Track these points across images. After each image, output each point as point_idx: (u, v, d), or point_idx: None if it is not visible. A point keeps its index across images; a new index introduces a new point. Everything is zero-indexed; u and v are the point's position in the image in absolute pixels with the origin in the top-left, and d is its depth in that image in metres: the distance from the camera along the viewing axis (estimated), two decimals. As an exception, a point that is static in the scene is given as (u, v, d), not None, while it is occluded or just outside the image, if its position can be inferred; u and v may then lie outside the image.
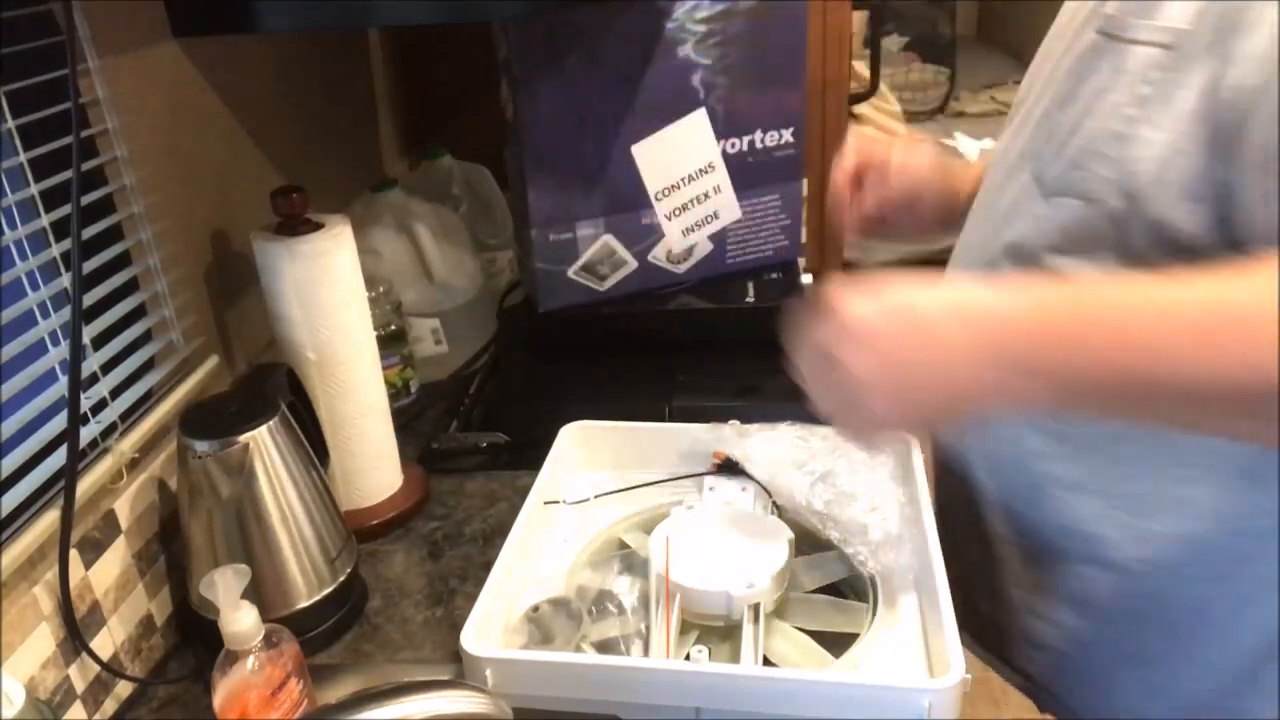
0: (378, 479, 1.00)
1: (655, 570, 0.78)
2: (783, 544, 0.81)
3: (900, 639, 0.76)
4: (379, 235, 1.23)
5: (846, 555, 0.83)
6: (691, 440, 0.95)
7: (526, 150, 1.13)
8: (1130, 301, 0.56)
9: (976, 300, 0.59)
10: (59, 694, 0.72)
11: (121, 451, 0.79)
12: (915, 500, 0.86)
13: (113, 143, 0.82)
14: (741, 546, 0.81)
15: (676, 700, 0.69)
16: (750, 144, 1.21)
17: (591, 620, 0.77)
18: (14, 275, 0.71)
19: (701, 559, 0.79)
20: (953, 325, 0.58)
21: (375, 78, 1.50)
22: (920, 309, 0.59)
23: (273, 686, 0.67)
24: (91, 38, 0.77)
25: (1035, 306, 0.58)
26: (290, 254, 0.87)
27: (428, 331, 1.26)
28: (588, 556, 0.87)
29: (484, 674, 0.70)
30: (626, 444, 0.99)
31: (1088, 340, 0.55)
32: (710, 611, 0.77)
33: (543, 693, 0.71)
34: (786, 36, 1.17)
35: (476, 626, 0.72)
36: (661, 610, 0.76)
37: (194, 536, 0.81)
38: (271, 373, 0.87)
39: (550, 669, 0.72)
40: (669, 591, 0.76)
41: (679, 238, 1.24)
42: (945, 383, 0.59)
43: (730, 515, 0.87)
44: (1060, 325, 0.57)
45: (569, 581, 0.84)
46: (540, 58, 1.09)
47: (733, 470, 0.93)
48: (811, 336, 0.63)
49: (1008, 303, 0.58)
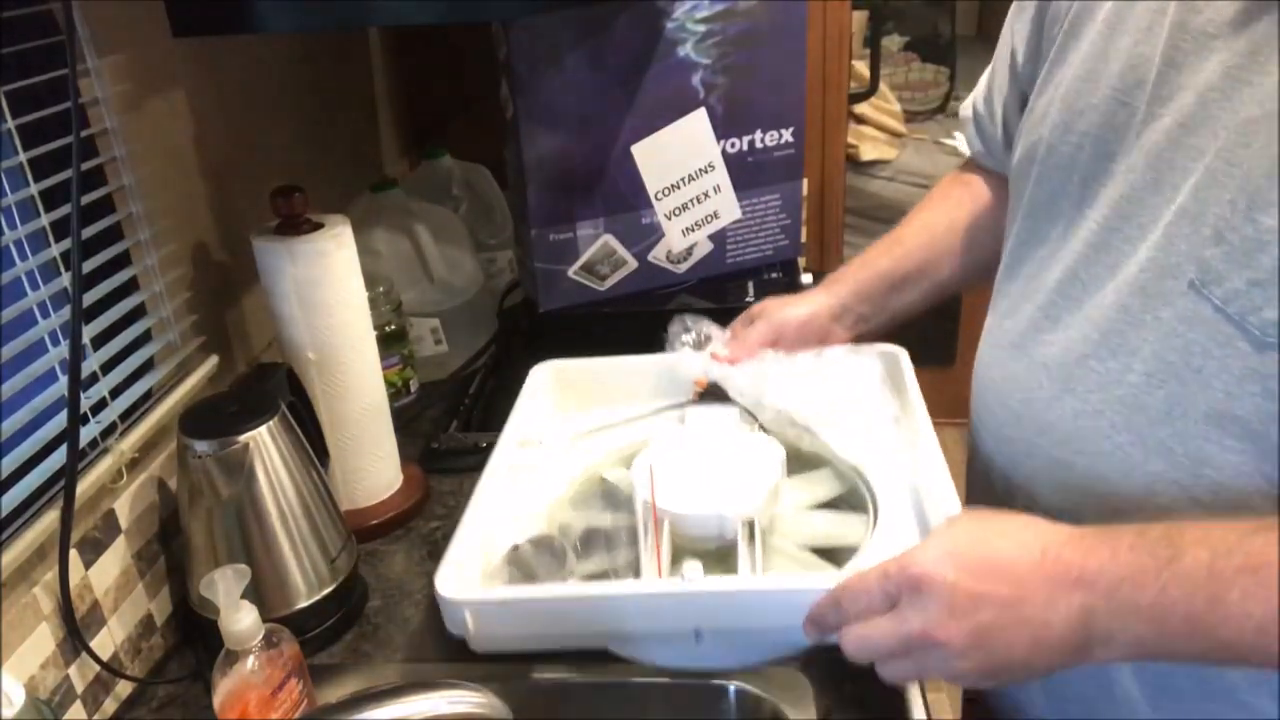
0: (378, 479, 1.00)
1: (641, 498, 0.74)
2: (774, 459, 0.76)
3: (903, 546, 0.69)
4: (379, 235, 1.23)
5: (838, 470, 0.79)
6: (670, 371, 0.90)
7: (526, 150, 1.13)
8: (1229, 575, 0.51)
9: (1067, 561, 0.55)
10: (59, 694, 0.72)
11: (121, 451, 0.79)
12: (909, 406, 0.82)
13: (112, 143, 0.82)
14: (730, 466, 0.77)
15: (674, 623, 0.66)
16: (750, 144, 1.21)
17: (577, 558, 0.73)
18: (14, 275, 0.71)
19: (689, 483, 0.75)
20: (1042, 587, 0.55)
21: (375, 78, 1.50)
22: (1012, 571, 0.56)
23: (273, 686, 0.67)
24: (91, 38, 0.77)
25: (1125, 574, 0.53)
26: (290, 254, 0.87)
27: (428, 331, 1.26)
28: (569, 496, 0.82)
29: (463, 618, 0.66)
30: (602, 380, 0.94)
31: (1178, 615, 0.52)
32: (702, 535, 0.73)
33: (529, 633, 0.67)
34: (786, 36, 1.17)
35: (452, 570, 0.67)
36: (651, 539, 0.72)
37: (194, 536, 0.81)
38: (271, 373, 0.87)
39: (536, 606, 0.67)
40: (657, 519, 0.72)
41: (679, 237, 1.24)
42: (1031, 644, 0.55)
43: (716, 438, 0.83)
44: (1151, 600, 0.53)
45: (550, 522, 0.79)
46: (540, 58, 1.09)
47: (715, 397, 0.88)
48: (892, 618, 0.58)
49: (1095, 566, 0.54)
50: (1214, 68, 0.59)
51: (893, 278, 0.91)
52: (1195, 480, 0.61)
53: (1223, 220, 0.57)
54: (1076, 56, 0.71)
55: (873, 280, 0.91)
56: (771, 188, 1.25)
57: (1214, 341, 0.58)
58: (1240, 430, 0.58)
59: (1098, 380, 0.65)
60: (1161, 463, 0.62)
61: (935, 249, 0.91)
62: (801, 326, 0.89)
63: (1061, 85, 0.71)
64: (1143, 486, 0.64)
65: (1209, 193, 0.58)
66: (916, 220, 0.93)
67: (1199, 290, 0.58)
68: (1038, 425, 0.70)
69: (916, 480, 0.77)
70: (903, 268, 0.91)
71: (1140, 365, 0.62)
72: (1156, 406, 0.62)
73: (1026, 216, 0.75)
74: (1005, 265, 0.78)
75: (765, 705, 0.75)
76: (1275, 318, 0.55)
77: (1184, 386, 0.60)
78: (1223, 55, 0.58)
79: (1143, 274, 0.62)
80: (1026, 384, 0.71)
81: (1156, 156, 0.62)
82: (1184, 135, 0.60)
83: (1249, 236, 0.55)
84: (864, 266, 0.92)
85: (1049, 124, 0.72)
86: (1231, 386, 0.58)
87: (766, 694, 0.76)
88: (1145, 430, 0.63)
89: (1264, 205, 0.55)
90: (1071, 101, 0.70)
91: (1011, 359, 0.74)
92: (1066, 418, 0.68)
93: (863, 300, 0.91)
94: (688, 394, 0.90)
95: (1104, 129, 0.66)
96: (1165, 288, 0.60)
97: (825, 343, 0.89)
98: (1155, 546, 0.54)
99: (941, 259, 0.90)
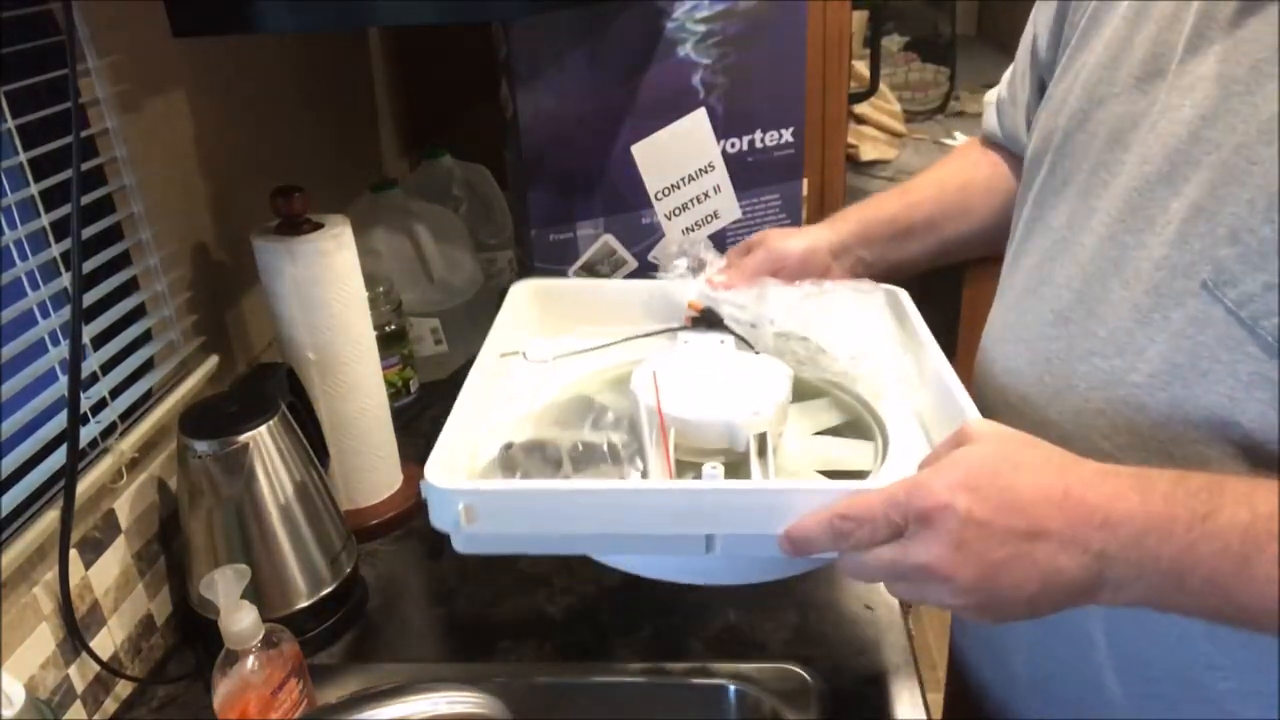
0: (378, 479, 1.00)
1: (645, 404, 0.69)
2: (781, 375, 0.73)
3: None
4: (379, 235, 1.23)
5: (841, 399, 0.76)
6: (662, 295, 0.85)
7: (526, 150, 1.13)
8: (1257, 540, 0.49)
9: (1091, 504, 0.52)
10: (59, 694, 0.72)
11: (121, 451, 0.79)
12: (916, 339, 0.79)
13: (112, 143, 0.82)
14: (738, 378, 0.73)
15: (686, 527, 0.60)
16: (750, 144, 1.21)
17: (574, 467, 0.67)
18: (14, 275, 0.71)
19: (695, 392, 0.70)
20: (1061, 530, 0.52)
21: (375, 78, 1.50)
22: (1030, 509, 0.52)
23: (273, 686, 0.67)
24: (91, 38, 0.77)
25: (1154, 524, 0.51)
26: (290, 254, 0.87)
27: (428, 331, 1.26)
28: (555, 414, 0.76)
29: (455, 511, 0.60)
30: (588, 301, 0.89)
31: (1200, 574, 0.50)
32: (711, 445, 0.68)
33: (524, 532, 0.62)
34: (786, 36, 1.16)
35: (443, 459, 0.63)
36: (658, 448, 0.67)
37: (194, 536, 0.81)
38: (271, 373, 0.87)
39: (535, 499, 0.62)
40: (664, 426, 0.67)
41: (679, 237, 1.24)
42: (1040, 586, 0.53)
43: (719, 355, 0.79)
44: (1174, 554, 0.50)
45: (537, 433, 0.73)
46: (540, 58, 1.09)
47: (709, 323, 0.84)
48: (897, 548, 0.54)
49: (1122, 512, 0.52)
50: (1240, 59, 0.57)
51: (897, 226, 0.88)
52: None
53: (1240, 220, 0.55)
54: (1099, 43, 0.69)
55: (878, 225, 0.88)
56: (771, 188, 1.25)
57: (1223, 345, 0.56)
58: (1240, 436, 0.57)
59: (1101, 378, 0.63)
60: (1158, 466, 0.61)
61: (944, 204, 0.88)
62: (803, 259, 0.85)
63: (1082, 73, 0.70)
64: None
65: (1226, 190, 0.56)
66: (930, 174, 0.92)
67: (1212, 291, 0.56)
68: (1036, 421, 0.68)
69: (929, 405, 0.73)
70: (908, 217, 0.88)
71: (1145, 365, 0.60)
72: (1158, 409, 0.60)
73: (1035, 205, 0.73)
74: (1010, 255, 0.77)
75: (765, 705, 0.75)
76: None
77: (1188, 389, 0.58)
78: (1250, 47, 0.56)
79: (1157, 272, 0.60)
80: (1027, 378, 0.70)
81: (1173, 149, 0.60)
82: (1203, 127, 0.58)
83: (1266, 238, 0.53)
84: (870, 208, 0.90)
85: (1067, 112, 0.70)
86: (1237, 392, 0.56)
87: (766, 694, 0.76)
88: (1145, 432, 0.61)
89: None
90: (1091, 89, 0.68)
91: (1014, 352, 0.72)
92: (1067, 415, 0.66)
93: (865, 243, 0.87)
94: (679, 319, 0.85)
95: (1122, 119, 0.64)
96: (1177, 287, 0.58)
97: (824, 275, 0.86)
98: (1193, 500, 0.51)
99: (949, 216, 0.88)
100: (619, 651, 0.82)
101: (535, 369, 0.82)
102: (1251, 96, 0.56)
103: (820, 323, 0.78)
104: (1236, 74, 0.57)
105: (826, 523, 0.56)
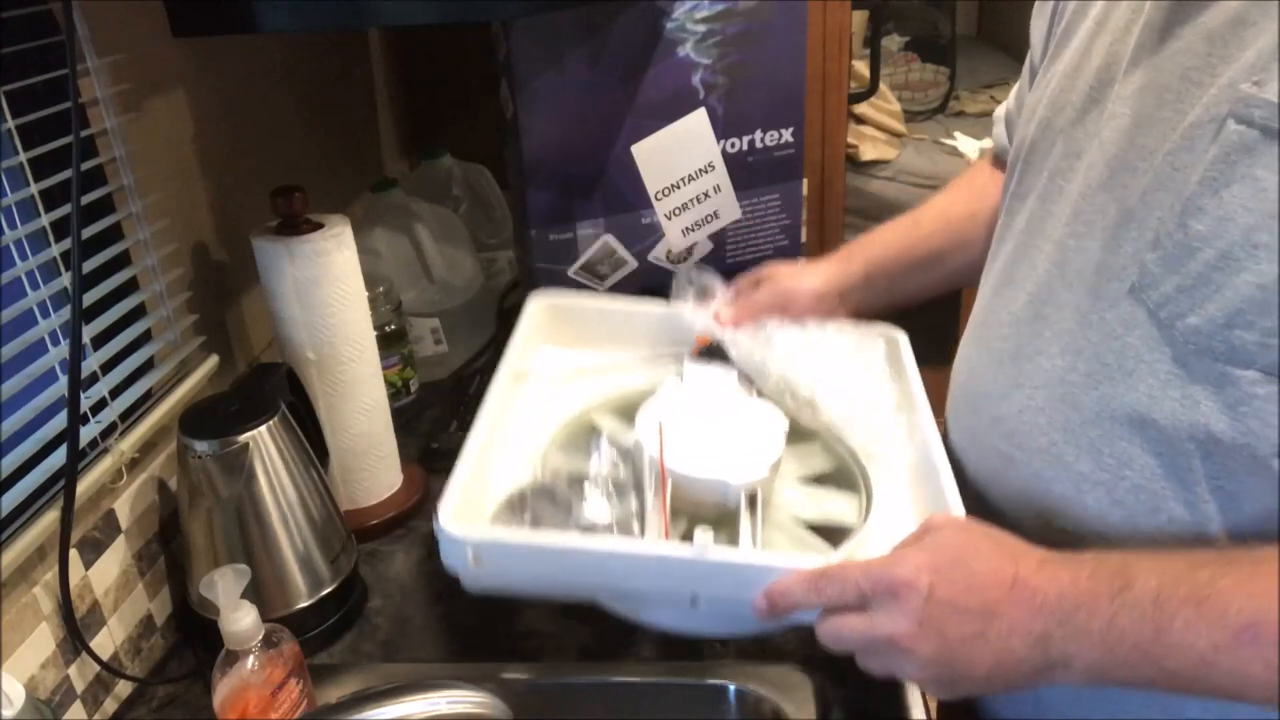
0: (378, 479, 1.00)
1: (649, 455, 0.73)
2: (778, 431, 0.76)
3: (899, 531, 0.69)
4: (379, 235, 1.23)
5: (832, 446, 0.79)
6: (671, 321, 0.88)
7: (526, 150, 1.13)
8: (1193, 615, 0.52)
9: (1034, 587, 0.56)
10: (59, 694, 0.72)
11: (121, 451, 0.79)
12: (909, 393, 0.82)
13: (112, 143, 0.82)
14: (733, 431, 0.76)
15: (674, 585, 0.66)
16: (750, 143, 1.21)
17: (577, 506, 0.72)
18: (14, 275, 0.71)
19: (694, 445, 0.74)
20: (1009, 612, 0.56)
21: (375, 78, 1.50)
22: (984, 592, 0.56)
23: (273, 686, 0.67)
24: (91, 38, 0.77)
25: (1081, 601, 0.54)
26: (290, 254, 0.87)
27: (428, 331, 1.26)
28: (560, 439, 0.81)
29: (465, 556, 0.65)
30: (600, 321, 0.92)
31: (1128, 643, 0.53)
32: (706, 499, 0.73)
33: (529, 576, 0.67)
34: (786, 36, 1.17)
35: (455, 509, 0.67)
36: (656, 497, 0.71)
37: (194, 536, 0.81)
38: (271, 373, 0.87)
39: (541, 552, 0.66)
40: (664, 478, 0.71)
41: (679, 237, 1.24)
42: (994, 664, 0.56)
43: (718, 399, 0.82)
44: (1102, 627, 0.54)
45: (543, 464, 0.78)
46: (540, 58, 1.09)
47: (714, 356, 0.86)
48: (865, 618, 0.59)
49: (1055, 592, 0.55)
50: (1173, 68, 0.59)
51: (905, 261, 0.89)
52: (1118, 481, 0.63)
53: (1162, 224, 0.57)
54: (1068, 53, 0.71)
55: (885, 261, 0.89)
56: (771, 188, 1.25)
57: (1146, 345, 0.59)
58: (1158, 435, 0.59)
59: (1044, 377, 0.66)
60: (1089, 463, 0.64)
61: (951, 237, 0.90)
62: (811, 301, 0.87)
63: (1051, 82, 0.72)
64: (1072, 486, 0.65)
65: (1154, 196, 0.58)
66: (936, 205, 0.93)
67: (1137, 294, 0.59)
68: (990, 417, 0.72)
69: (915, 468, 0.77)
70: (916, 252, 0.89)
71: (1083, 365, 0.63)
72: (1090, 406, 0.63)
73: (1006, 211, 0.76)
74: (988, 259, 0.79)
75: (765, 705, 0.75)
76: (1198, 324, 0.55)
77: (1115, 388, 0.61)
78: (1181, 57, 0.58)
79: (1096, 275, 0.63)
80: (985, 377, 0.73)
81: (1112, 155, 0.62)
82: (1138, 135, 0.61)
83: (1180, 242, 0.56)
84: (877, 246, 0.91)
85: (1035, 121, 0.72)
86: (1155, 391, 0.59)
87: (766, 694, 0.76)
88: (1078, 429, 0.64)
89: (1194, 211, 0.55)
90: (1055, 98, 0.70)
91: (975, 353, 0.75)
92: (1013, 412, 0.69)
93: (873, 280, 0.89)
94: (686, 345, 0.88)
95: (1076, 126, 0.67)
96: (1111, 289, 0.61)
97: (830, 317, 0.88)
98: (1110, 575, 0.55)
99: (956, 248, 0.89)
100: (619, 651, 0.82)
101: (545, 389, 0.85)
102: (1180, 104, 0.58)
103: (820, 375, 0.81)
104: (1169, 83, 0.59)
105: (808, 578, 0.61)
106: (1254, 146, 0.52)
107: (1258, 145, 0.52)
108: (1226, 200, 0.53)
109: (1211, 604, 0.51)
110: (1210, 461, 0.58)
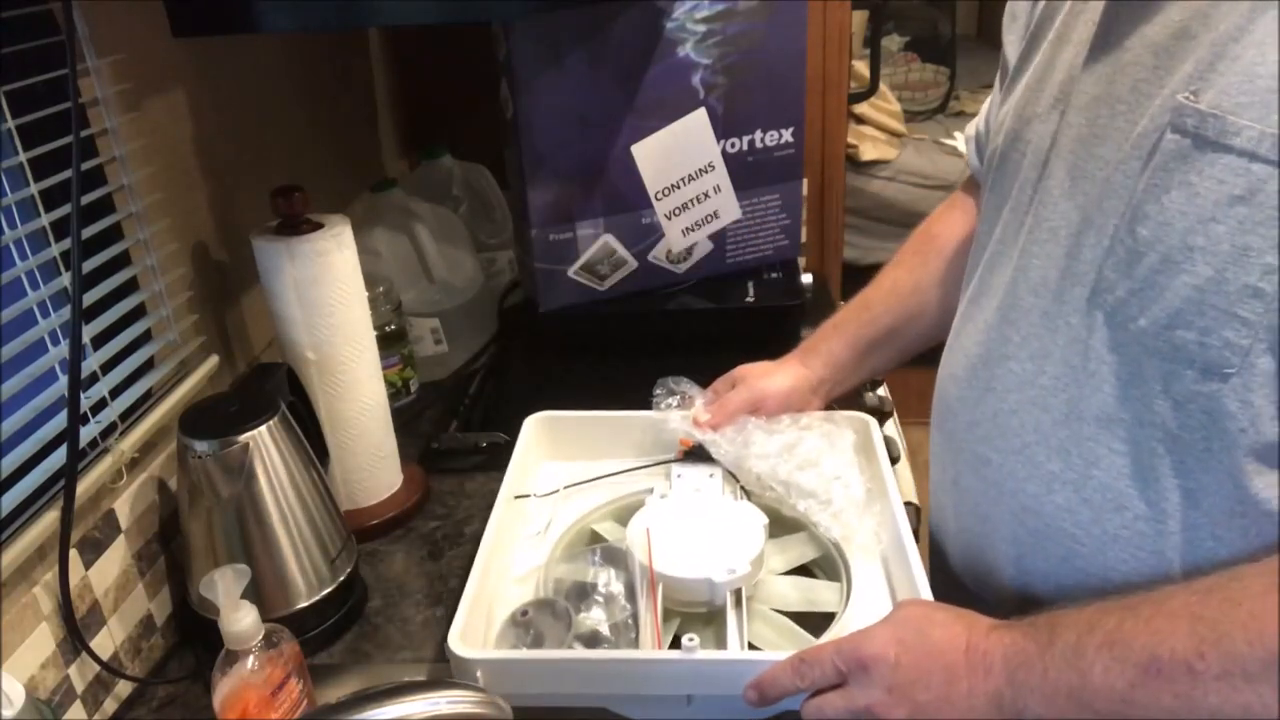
0: (378, 479, 1.00)
1: (638, 561, 0.79)
2: (758, 528, 0.82)
3: (876, 612, 0.74)
4: (379, 235, 1.23)
5: (815, 534, 0.85)
6: (656, 427, 0.95)
7: (526, 150, 1.13)
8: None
9: (984, 650, 0.60)
10: (59, 694, 0.72)
11: (121, 451, 0.79)
12: (878, 476, 0.87)
13: (112, 143, 0.82)
14: (719, 532, 0.82)
15: (670, 689, 0.71)
16: (750, 144, 1.21)
17: (577, 614, 0.78)
18: (14, 275, 0.71)
19: (681, 547, 0.80)
20: (967, 675, 0.60)
21: (375, 78, 1.50)
22: (943, 659, 0.61)
23: (273, 686, 0.67)
24: (91, 38, 0.77)
25: (1020, 659, 0.58)
26: (290, 254, 0.87)
27: (428, 331, 1.26)
28: (562, 549, 0.87)
29: (474, 675, 0.71)
30: (591, 433, 0.99)
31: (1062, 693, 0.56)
32: (693, 598, 0.78)
33: (534, 690, 0.72)
34: (786, 36, 1.17)
35: (463, 628, 0.72)
36: (648, 600, 0.77)
37: (194, 536, 0.81)
38: (271, 373, 0.87)
39: (542, 666, 0.72)
40: (654, 581, 0.77)
41: (679, 237, 1.24)
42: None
43: (703, 502, 0.88)
44: (1039, 681, 0.57)
45: (546, 575, 0.83)
46: (540, 58, 1.09)
47: (698, 456, 0.93)
48: (843, 694, 0.63)
49: (1001, 654, 0.59)
50: (1125, 80, 0.61)
51: (860, 347, 0.94)
52: (1085, 481, 0.65)
53: (1116, 231, 0.60)
54: (1032, 65, 0.73)
55: (844, 351, 0.95)
56: (771, 188, 1.25)
57: (1106, 348, 0.62)
58: (1123, 434, 0.62)
59: (1015, 381, 0.69)
60: (1059, 463, 0.67)
61: (901, 313, 0.93)
62: (783, 399, 0.93)
63: (1017, 94, 0.74)
64: (1043, 485, 0.68)
65: (1109, 204, 0.61)
66: (885, 281, 0.96)
67: (1095, 298, 0.62)
68: (966, 421, 0.75)
69: (888, 553, 0.83)
70: (868, 335, 0.94)
71: (1051, 368, 0.66)
72: (1059, 408, 0.66)
73: (983, 220, 0.78)
74: (967, 270, 0.82)
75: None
76: (1146, 326, 0.59)
77: (1080, 390, 0.64)
78: (1131, 69, 0.61)
79: (1061, 280, 0.65)
80: (962, 382, 0.76)
81: (1071, 165, 0.65)
82: (1095, 144, 0.63)
83: (1130, 248, 0.59)
84: (833, 337, 0.95)
85: (1004, 133, 0.74)
86: (1118, 391, 0.62)
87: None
88: (1048, 431, 0.67)
89: (1141, 217, 0.58)
90: (1021, 110, 0.72)
91: (953, 360, 0.78)
92: (988, 416, 0.72)
93: (836, 370, 0.95)
94: (672, 451, 0.95)
95: (1043, 138, 0.69)
96: (1074, 295, 0.64)
97: (803, 410, 0.94)
98: (1038, 632, 0.59)
99: (905, 322, 0.93)
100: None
101: (545, 504, 0.92)
102: (1131, 115, 0.60)
103: (795, 469, 0.87)
104: (1121, 94, 0.61)
105: (790, 665, 0.66)
106: (1188, 154, 0.55)
107: (1190, 153, 0.55)
108: (1166, 206, 0.56)
109: (1120, 646, 0.55)
110: (1172, 458, 0.61)
